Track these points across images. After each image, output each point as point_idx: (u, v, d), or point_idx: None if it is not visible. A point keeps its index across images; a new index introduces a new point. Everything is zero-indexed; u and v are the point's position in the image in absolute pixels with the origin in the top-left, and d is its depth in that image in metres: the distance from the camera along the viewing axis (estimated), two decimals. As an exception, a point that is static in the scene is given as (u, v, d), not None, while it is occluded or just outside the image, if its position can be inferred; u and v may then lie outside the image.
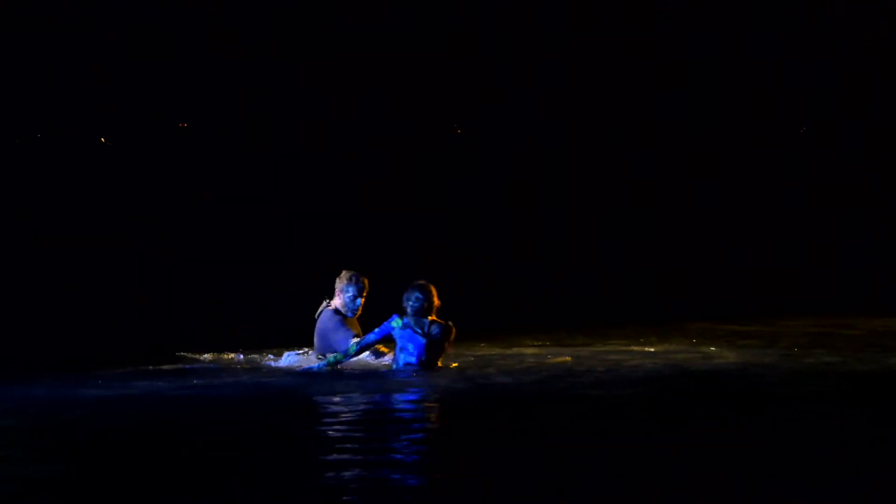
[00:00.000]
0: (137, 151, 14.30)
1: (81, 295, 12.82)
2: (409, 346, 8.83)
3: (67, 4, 13.77)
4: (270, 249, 14.22)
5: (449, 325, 8.92)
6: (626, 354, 10.12)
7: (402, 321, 8.83)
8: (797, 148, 17.49)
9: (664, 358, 9.87)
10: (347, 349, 8.98)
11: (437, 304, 8.90)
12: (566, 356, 9.80)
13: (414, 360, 8.82)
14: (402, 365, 8.85)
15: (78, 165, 13.98)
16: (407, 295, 8.86)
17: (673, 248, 16.52)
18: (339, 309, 9.47)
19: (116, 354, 10.06)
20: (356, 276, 9.48)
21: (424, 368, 8.78)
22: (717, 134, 17.15)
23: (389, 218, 15.01)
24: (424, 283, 8.94)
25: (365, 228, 14.65)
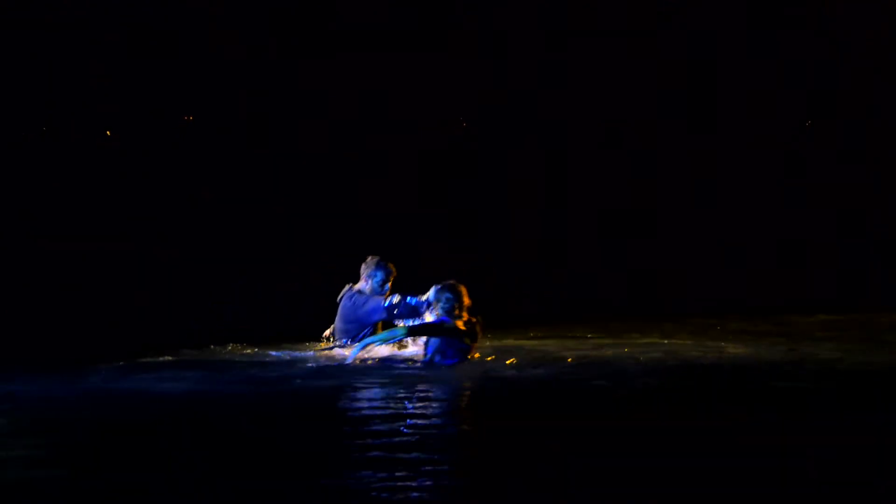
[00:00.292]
0: (137, 151, 14.31)
1: (81, 295, 12.82)
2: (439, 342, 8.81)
3: (67, 4, 13.77)
4: (270, 249, 14.22)
5: (474, 321, 8.92)
6: (624, 349, 10.13)
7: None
8: (797, 148, 17.49)
9: (661, 350, 9.89)
10: (407, 324, 8.95)
11: (467, 303, 8.91)
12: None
13: (448, 359, 8.81)
14: (430, 357, 8.84)
15: (78, 165, 13.98)
16: (437, 294, 8.88)
17: (673, 247, 16.52)
18: (363, 291, 9.53)
19: (116, 354, 10.04)
20: (383, 262, 9.55)
21: (458, 363, 8.79)
22: (717, 134, 17.14)
23: (389, 218, 15.01)
24: (454, 282, 8.96)
25: (365, 228, 14.64)
